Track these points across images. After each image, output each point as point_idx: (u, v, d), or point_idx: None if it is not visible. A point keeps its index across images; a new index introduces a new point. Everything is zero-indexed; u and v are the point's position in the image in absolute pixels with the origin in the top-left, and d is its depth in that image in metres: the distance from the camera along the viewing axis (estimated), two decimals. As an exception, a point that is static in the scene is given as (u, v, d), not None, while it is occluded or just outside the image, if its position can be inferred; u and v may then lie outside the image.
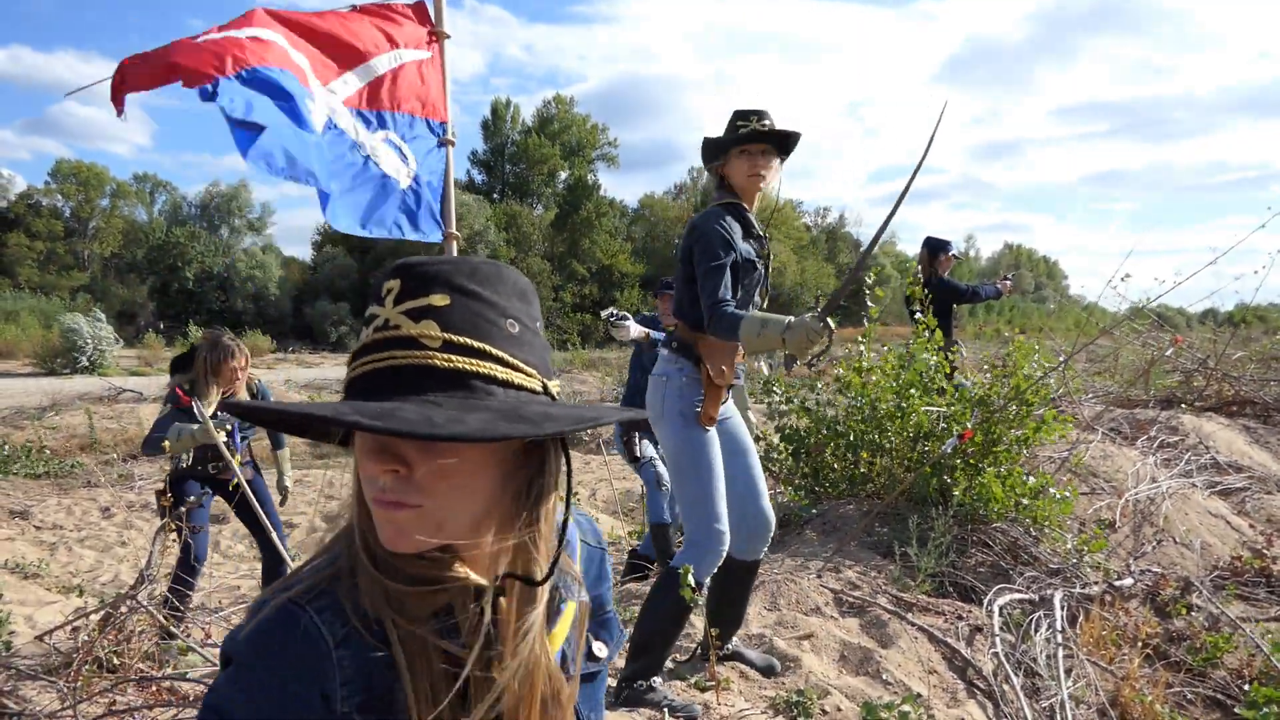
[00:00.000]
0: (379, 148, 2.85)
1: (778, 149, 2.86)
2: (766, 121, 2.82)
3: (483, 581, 0.86)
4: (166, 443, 3.73)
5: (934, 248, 6.70)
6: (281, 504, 4.53)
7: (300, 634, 0.80)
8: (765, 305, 2.94)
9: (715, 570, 2.73)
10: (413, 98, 2.98)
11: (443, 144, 3.04)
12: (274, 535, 3.81)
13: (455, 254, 3.02)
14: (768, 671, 3.03)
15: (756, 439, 4.96)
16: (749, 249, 2.80)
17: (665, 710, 2.63)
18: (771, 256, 2.94)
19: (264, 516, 3.72)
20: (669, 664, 2.98)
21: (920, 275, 6.18)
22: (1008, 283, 7.09)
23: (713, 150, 2.87)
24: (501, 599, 0.86)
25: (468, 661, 0.83)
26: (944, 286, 6.46)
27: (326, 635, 0.80)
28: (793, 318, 2.54)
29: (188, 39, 2.45)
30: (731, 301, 2.67)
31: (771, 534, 2.89)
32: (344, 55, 2.83)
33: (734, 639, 3.10)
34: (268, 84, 2.40)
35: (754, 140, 2.80)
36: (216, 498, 4.16)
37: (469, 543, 0.85)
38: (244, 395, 4.12)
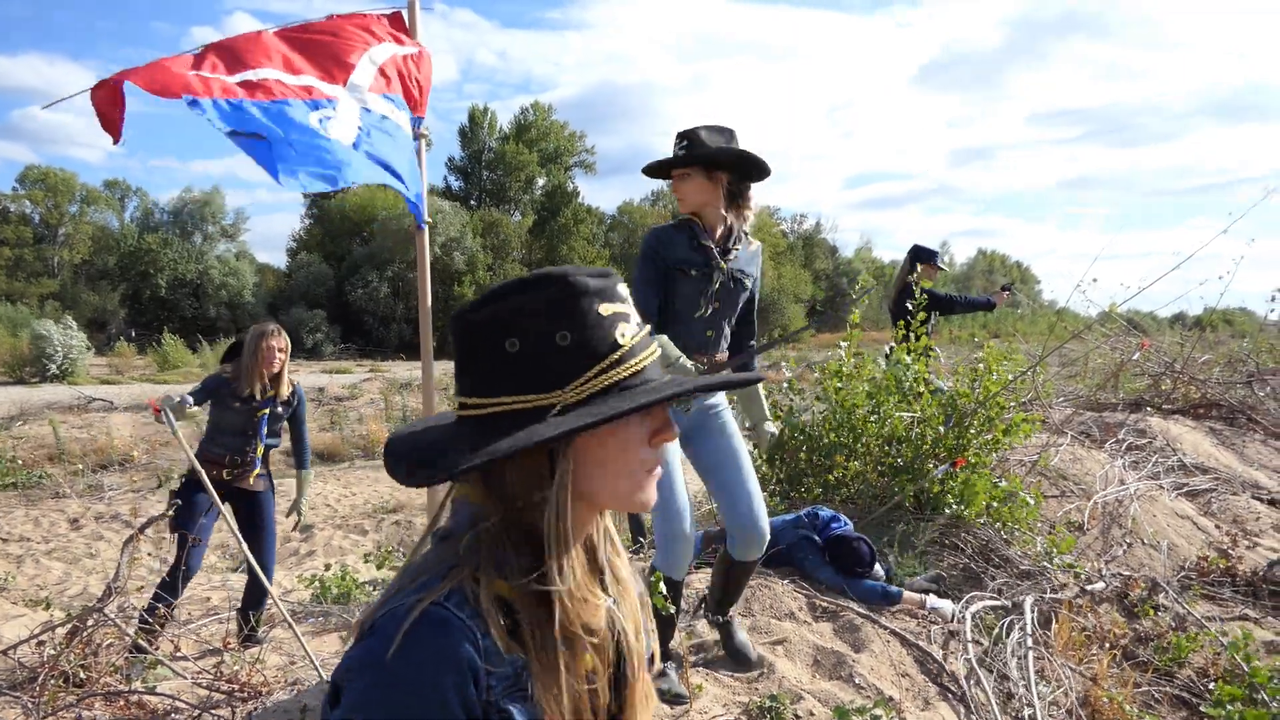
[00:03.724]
0: (405, 128, 2.88)
1: (706, 166, 2.96)
2: (685, 143, 2.95)
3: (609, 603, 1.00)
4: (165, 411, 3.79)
5: (919, 256, 6.65)
6: (296, 527, 4.45)
7: (453, 631, 0.84)
8: (710, 312, 3.00)
9: (687, 562, 2.88)
10: (401, 90, 2.99)
11: (418, 137, 3.05)
12: (265, 549, 4.00)
13: (427, 241, 3.03)
14: (742, 657, 3.13)
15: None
16: (691, 259, 2.95)
17: None
18: (723, 268, 3.00)
19: (263, 532, 3.88)
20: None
21: (908, 281, 6.19)
22: (1005, 294, 6.93)
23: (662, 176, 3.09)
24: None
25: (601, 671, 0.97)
26: (924, 294, 6.43)
27: (474, 629, 0.85)
28: (681, 357, 2.79)
29: (170, 66, 2.43)
30: (649, 317, 2.84)
31: (764, 541, 2.97)
32: (346, 51, 2.84)
33: (730, 611, 3.20)
34: (251, 114, 2.39)
35: (666, 170, 3.00)
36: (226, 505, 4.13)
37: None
38: (286, 383, 4.23)
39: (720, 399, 3.06)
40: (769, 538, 2.95)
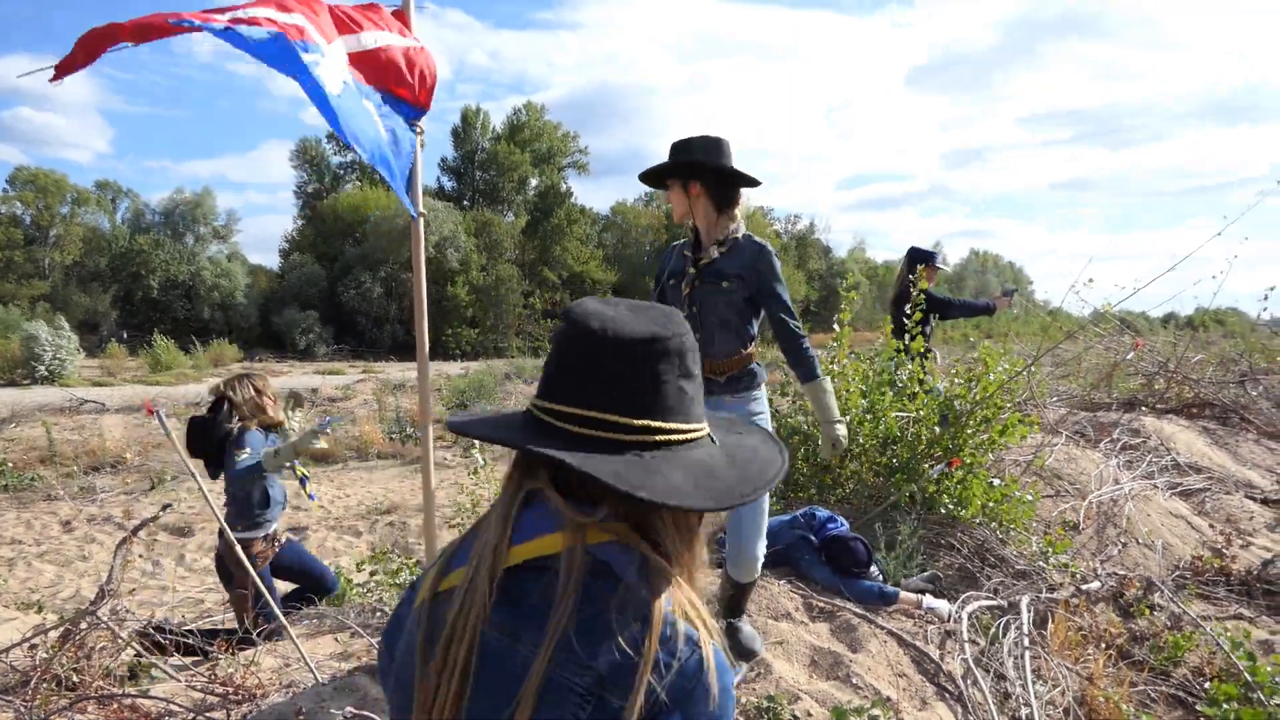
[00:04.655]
0: (375, 115, 2.83)
1: (678, 177, 3.01)
2: (670, 157, 3.01)
3: None
4: (264, 462, 3.72)
5: (916, 258, 6.60)
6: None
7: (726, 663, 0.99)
8: (685, 316, 3.04)
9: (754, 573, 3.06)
10: (395, 79, 2.94)
11: (413, 127, 3.01)
12: (313, 571, 4.08)
13: (423, 233, 3.01)
14: (750, 652, 3.13)
15: None
16: (675, 269, 3.09)
17: None
18: (692, 272, 3.05)
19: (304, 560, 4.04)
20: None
21: (904, 283, 6.15)
22: (1007, 299, 6.76)
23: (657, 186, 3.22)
24: None
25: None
26: (920, 294, 6.27)
27: None
28: (838, 422, 3.14)
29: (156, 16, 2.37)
30: None
31: (755, 566, 3.03)
32: (333, 25, 2.78)
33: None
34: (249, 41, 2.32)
35: (645, 181, 3.12)
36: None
37: None
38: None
39: (745, 403, 3.06)
40: (761, 561, 3.02)
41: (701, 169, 2.97)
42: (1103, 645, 3.61)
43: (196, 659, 3.47)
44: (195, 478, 3.46)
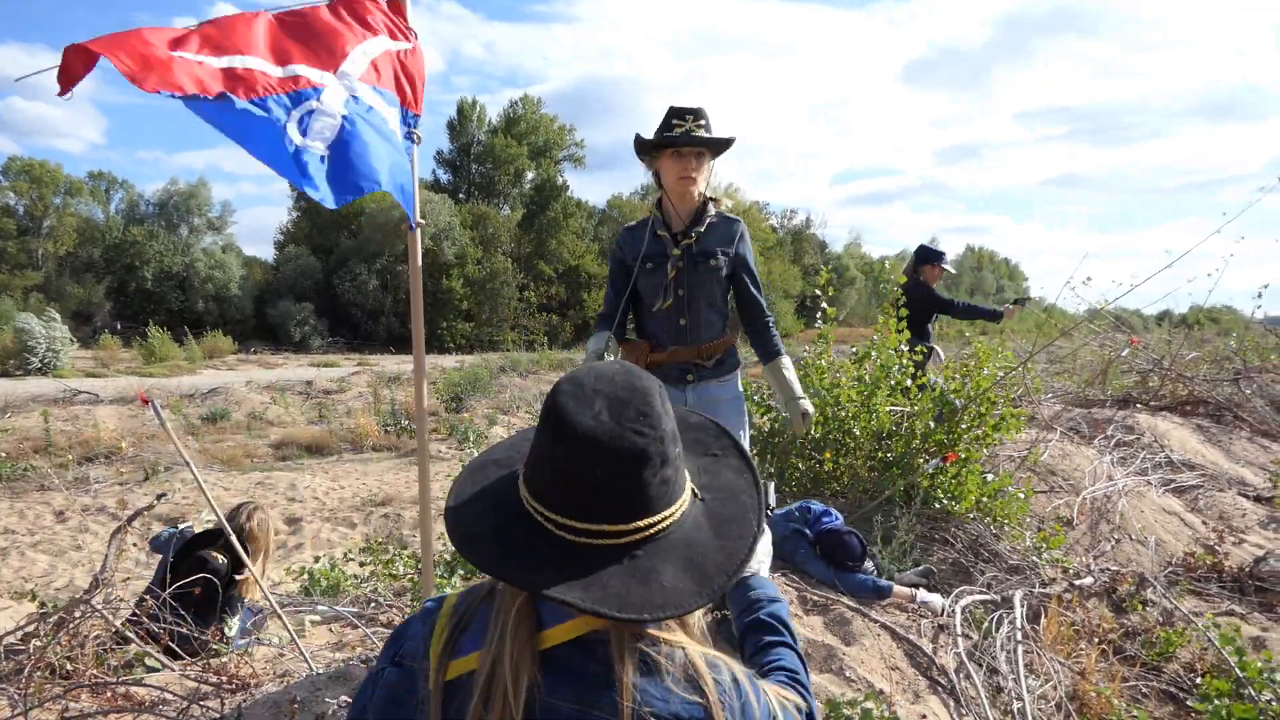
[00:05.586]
0: (393, 122, 2.82)
1: (712, 151, 2.92)
2: (702, 122, 2.85)
3: None
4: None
5: (922, 256, 6.54)
6: None
7: None
8: (669, 302, 3.00)
9: None
10: (394, 85, 2.94)
11: (410, 135, 3.00)
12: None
13: (419, 241, 2.99)
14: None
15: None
16: (648, 252, 2.96)
17: None
18: (677, 254, 2.96)
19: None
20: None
21: (912, 282, 6.19)
22: (1015, 308, 6.82)
23: (645, 147, 2.95)
24: None
25: None
26: (921, 294, 6.28)
27: None
28: (801, 398, 3.07)
29: (159, 36, 2.37)
30: (605, 315, 3.01)
31: None
32: (342, 40, 2.78)
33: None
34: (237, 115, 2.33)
35: (688, 143, 2.85)
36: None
37: None
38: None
39: (729, 385, 3.06)
40: None
41: (722, 143, 2.92)
42: (1095, 640, 3.62)
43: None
44: (191, 468, 3.45)
